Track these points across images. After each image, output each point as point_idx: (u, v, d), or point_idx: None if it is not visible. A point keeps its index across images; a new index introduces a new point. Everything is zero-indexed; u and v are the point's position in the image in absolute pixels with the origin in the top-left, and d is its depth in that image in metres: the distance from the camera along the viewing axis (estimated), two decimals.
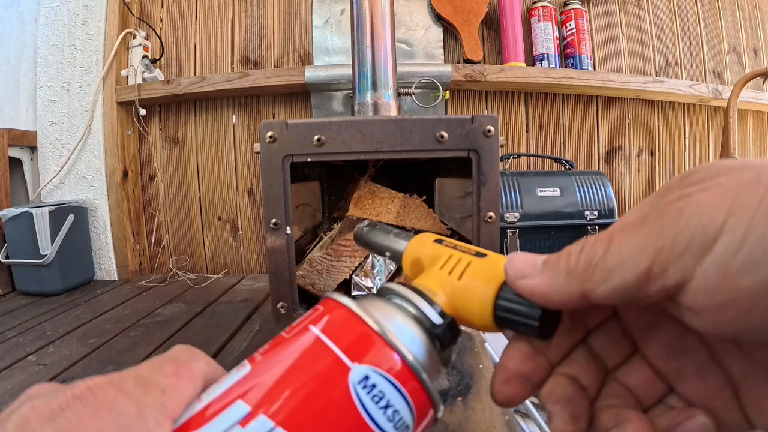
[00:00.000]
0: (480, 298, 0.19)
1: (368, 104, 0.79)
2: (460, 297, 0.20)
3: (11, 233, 1.20)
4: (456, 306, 0.20)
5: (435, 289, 0.21)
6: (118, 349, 0.82)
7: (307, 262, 0.77)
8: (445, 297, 0.20)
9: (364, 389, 0.16)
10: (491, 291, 0.19)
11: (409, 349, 0.17)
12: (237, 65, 1.41)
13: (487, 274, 0.20)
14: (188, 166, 1.42)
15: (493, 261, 0.21)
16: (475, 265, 0.21)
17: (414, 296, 0.20)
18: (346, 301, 0.18)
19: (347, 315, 0.18)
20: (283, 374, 0.16)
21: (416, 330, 0.19)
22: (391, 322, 0.18)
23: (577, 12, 1.39)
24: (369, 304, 0.19)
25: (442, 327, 0.19)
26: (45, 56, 1.36)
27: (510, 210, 1.17)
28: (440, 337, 0.19)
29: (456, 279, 0.21)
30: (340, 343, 0.17)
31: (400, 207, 0.81)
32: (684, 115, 1.54)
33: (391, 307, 0.19)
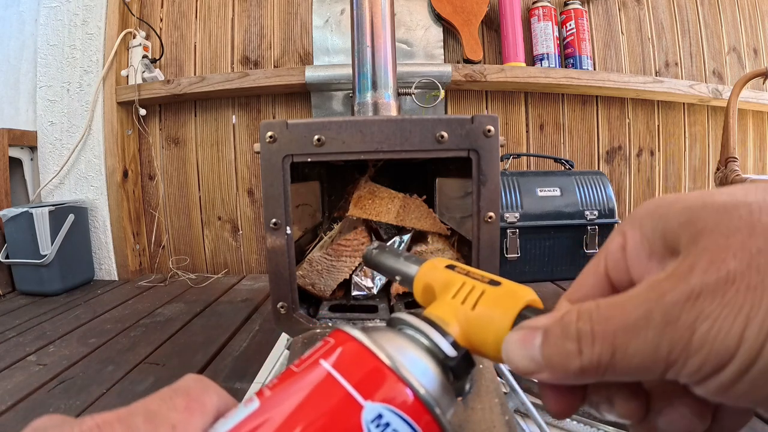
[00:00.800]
0: (496, 329, 0.19)
1: (368, 104, 0.79)
2: (475, 328, 0.20)
3: (11, 233, 1.20)
4: (470, 337, 0.20)
5: (448, 320, 0.20)
6: (118, 349, 0.82)
7: (307, 262, 0.77)
8: (458, 327, 0.20)
9: (377, 428, 0.16)
10: (507, 322, 0.19)
11: (422, 383, 0.17)
12: (237, 65, 1.41)
13: (503, 304, 0.19)
14: (188, 166, 1.42)
15: (508, 290, 0.20)
16: (490, 294, 0.20)
17: (426, 327, 0.20)
18: (357, 334, 0.18)
19: (358, 349, 0.17)
20: (293, 411, 0.16)
21: (429, 363, 0.18)
22: (403, 354, 0.18)
23: (577, 12, 1.39)
24: (380, 336, 0.19)
25: (456, 359, 0.19)
26: (45, 56, 1.36)
27: (510, 210, 1.17)
28: (454, 370, 0.19)
29: (470, 309, 0.20)
30: (351, 378, 0.16)
31: (400, 207, 0.81)
32: (684, 115, 1.54)
33: (402, 339, 0.19)
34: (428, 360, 0.19)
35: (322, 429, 0.15)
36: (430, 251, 0.76)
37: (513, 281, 0.21)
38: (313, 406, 0.16)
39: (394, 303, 0.79)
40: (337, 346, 0.18)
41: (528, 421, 0.52)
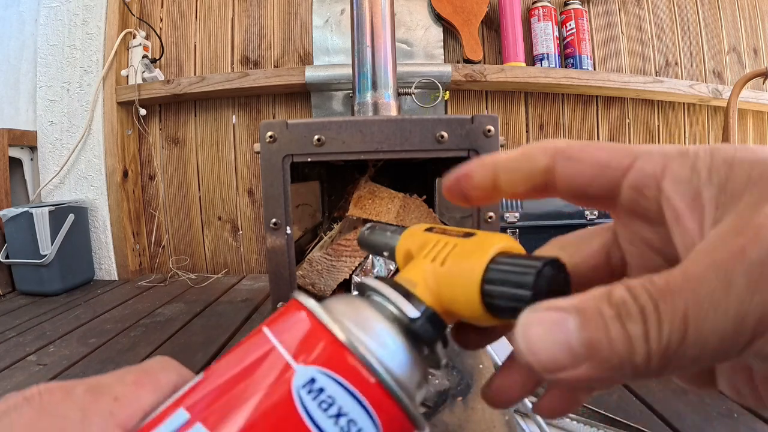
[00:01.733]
0: (464, 281, 0.16)
1: (368, 104, 0.79)
2: (444, 285, 0.17)
3: (11, 233, 1.20)
4: (442, 297, 0.17)
5: (417, 280, 0.18)
6: (118, 349, 0.82)
7: (307, 262, 0.77)
8: (427, 288, 0.18)
9: (309, 394, 0.14)
10: (477, 270, 0.16)
11: (366, 345, 0.15)
12: (237, 65, 1.41)
13: (473, 254, 0.17)
14: (188, 166, 1.42)
15: (480, 239, 0.18)
16: (461, 247, 0.18)
17: (386, 289, 0.17)
18: (302, 297, 0.16)
19: (298, 312, 0.16)
20: (226, 379, 0.15)
21: (388, 327, 0.16)
22: (351, 317, 0.16)
23: (577, 12, 1.39)
24: (335, 301, 0.17)
25: (419, 320, 0.17)
26: (45, 56, 1.36)
27: (510, 210, 1.17)
28: (418, 333, 0.16)
29: (439, 266, 0.18)
30: (286, 342, 0.15)
31: (400, 207, 0.81)
32: (684, 115, 1.54)
33: (362, 304, 0.17)
34: (387, 324, 0.16)
35: (250, 396, 0.14)
36: None
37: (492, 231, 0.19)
38: (244, 372, 0.15)
39: None
40: (283, 312, 0.16)
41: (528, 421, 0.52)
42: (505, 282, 0.16)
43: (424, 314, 0.17)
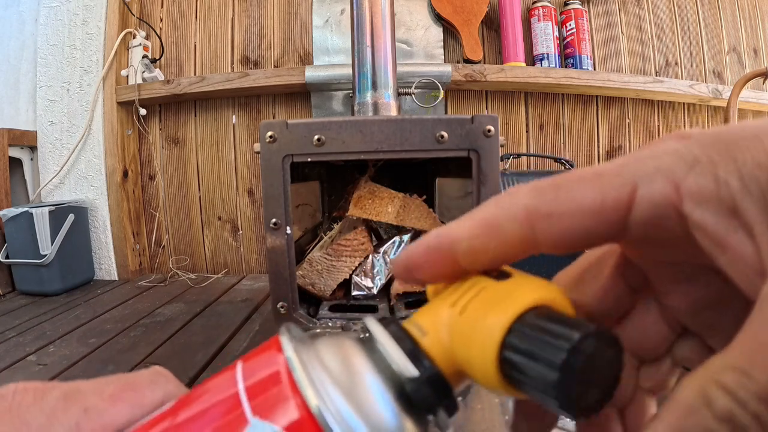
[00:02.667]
0: (481, 341, 0.13)
1: (368, 104, 0.79)
2: (459, 340, 0.14)
3: (11, 233, 1.20)
4: (455, 354, 0.14)
5: (427, 328, 0.15)
6: (118, 349, 0.82)
7: (307, 262, 0.77)
8: (438, 340, 0.14)
9: None
10: (497, 330, 0.13)
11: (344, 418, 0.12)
12: (237, 65, 1.41)
13: (498, 306, 0.13)
14: (188, 166, 1.42)
15: (513, 284, 0.14)
16: (488, 292, 0.14)
17: (385, 337, 0.14)
18: (285, 340, 0.14)
19: (275, 356, 0.14)
20: (186, 417, 0.14)
21: (378, 386, 0.13)
22: (335, 371, 0.13)
23: (577, 12, 1.39)
24: (324, 344, 0.15)
25: (416, 382, 0.13)
26: (45, 56, 1.36)
27: None
28: (414, 397, 0.13)
29: (458, 314, 0.14)
30: (252, 389, 0.13)
31: (401, 207, 0.81)
32: (684, 115, 1.54)
33: (354, 352, 0.14)
34: (378, 382, 0.14)
35: None
36: None
37: (532, 274, 0.15)
38: (204, 412, 0.14)
39: (394, 303, 0.79)
40: (260, 351, 0.15)
41: None
42: (530, 353, 0.12)
43: (425, 375, 0.14)
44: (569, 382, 0.11)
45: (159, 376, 0.17)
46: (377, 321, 0.15)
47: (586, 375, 0.12)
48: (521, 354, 0.12)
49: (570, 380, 0.12)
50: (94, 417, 0.15)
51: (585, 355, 0.12)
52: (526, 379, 0.12)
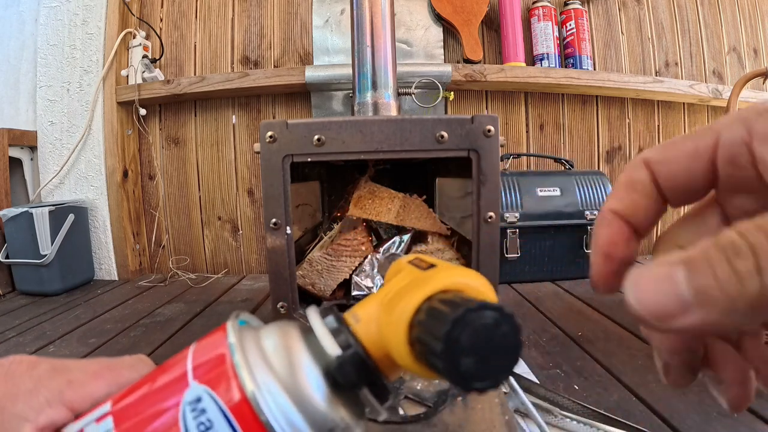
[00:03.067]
0: (395, 321, 0.14)
1: (368, 104, 0.79)
2: (384, 325, 0.15)
3: (11, 233, 1.20)
4: (383, 338, 0.15)
5: (362, 315, 0.16)
6: (118, 349, 0.82)
7: (307, 262, 0.77)
8: (368, 327, 0.15)
9: (192, 412, 0.14)
10: (408, 310, 0.14)
11: (259, 380, 0.14)
12: (237, 65, 1.41)
13: (412, 291, 0.14)
14: (188, 166, 1.42)
15: (432, 273, 0.15)
16: (412, 281, 0.15)
17: (317, 321, 0.16)
18: (230, 319, 0.16)
19: (219, 334, 0.16)
20: (145, 381, 0.16)
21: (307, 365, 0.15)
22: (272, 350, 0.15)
23: (577, 12, 1.39)
24: (269, 329, 0.16)
25: (339, 360, 0.14)
26: (45, 56, 1.36)
27: (510, 210, 1.17)
28: (335, 374, 0.14)
29: (385, 302, 0.15)
30: (196, 359, 0.15)
31: (400, 207, 0.81)
32: (684, 115, 1.54)
33: (294, 335, 0.16)
34: (308, 361, 0.15)
35: (151, 402, 0.15)
36: (430, 251, 0.76)
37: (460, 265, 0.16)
38: (158, 378, 0.16)
39: None
40: (213, 332, 0.16)
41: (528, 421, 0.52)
42: (427, 329, 0.13)
43: (347, 354, 0.15)
44: (454, 353, 0.12)
45: (139, 362, 0.19)
46: (317, 310, 0.17)
47: (475, 348, 0.12)
48: (422, 331, 0.13)
49: (454, 351, 0.12)
50: (76, 388, 0.17)
51: (470, 327, 0.12)
52: (426, 355, 0.13)
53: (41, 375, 0.17)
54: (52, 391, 0.17)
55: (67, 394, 0.17)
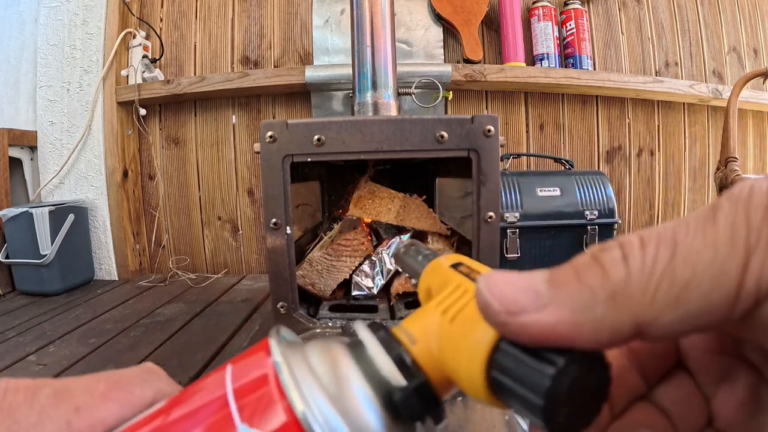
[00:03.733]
0: (470, 350, 0.13)
1: (368, 104, 0.79)
2: (449, 350, 0.14)
3: (11, 233, 1.20)
4: (444, 363, 0.14)
5: (418, 335, 0.15)
6: (118, 349, 0.82)
7: (307, 262, 0.77)
8: (427, 348, 0.14)
9: None
10: (486, 344, 0.13)
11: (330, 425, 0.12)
12: (237, 65, 1.41)
13: None
14: (188, 166, 1.42)
15: None
16: None
17: (374, 345, 0.14)
18: (274, 344, 0.14)
19: (264, 360, 0.14)
20: (176, 417, 0.14)
21: (365, 394, 0.13)
22: (323, 377, 0.13)
23: (577, 12, 1.39)
24: (313, 349, 0.14)
25: (403, 392, 0.13)
26: (45, 56, 1.36)
27: (510, 210, 1.17)
28: (401, 407, 0.13)
29: (448, 322, 0.14)
30: (240, 394, 0.13)
31: (400, 207, 0.81)
32: (684, 115, 1.54)
33: (343, 358, 0.14)
34: (366, 390, 0.13)
35: None
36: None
37: None
38: (194, 413, 0.14)
39: (394, 303, 0.79)
40: (250, 354, 0.15)
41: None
42: (516, 376, 0.12)
43: (413, 385, 0.14)
44: (553, 406, 0.11)
45: (150, 374, 0.17)
46: (367, 326, 0.15)
47: (572, 398, 0.12)
48: (507, 375, 0.12)
49: (554, 405, 0.11)
50: (84, 416, 0.15)
51: (569, 380, 0.11)
52: (513, 400, 0.12)
53: (44, 405, 0.15)
54: (58, 424, 0.14)
55: (75, 424, 0.14)
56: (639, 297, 0.10)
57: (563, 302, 0.11)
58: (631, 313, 0.10)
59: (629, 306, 0.10)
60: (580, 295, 0.11)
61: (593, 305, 0.10)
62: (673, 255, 0.10)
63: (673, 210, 1.56)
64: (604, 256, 0.11)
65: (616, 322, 0.10)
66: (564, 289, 0.11)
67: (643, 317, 0.10)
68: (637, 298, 0.10)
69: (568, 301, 0.11)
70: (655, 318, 0.10)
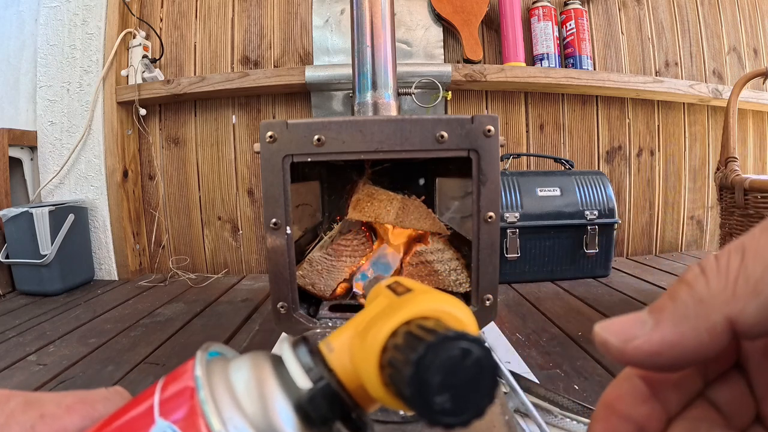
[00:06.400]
0: (366, 351, 0.14)
1: (368, 104, 0.79)
2: (357, 354, 0.14)
3: (11, 233, 1.20)
4: (357, 368, 0.14)
5: (335, 345, 0.15)
6: (118, 349, 0.82)
7: (307, 262, 0.77)
8: (342, 356, 0.15)
9: None
10: (378, 340, 0.13)
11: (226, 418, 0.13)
12: (237, 65, 1.41)
13: (386, 317, 0.14)
14: (188, 166, 1.42)
15: (409, 298, 0.15)
16: (389, 305, 0.15)
17: (287, 352, 0.15)
18: (199, 354, 0.15)
19: (188, 366, 0.15)
20: (115, 414, 0.15)
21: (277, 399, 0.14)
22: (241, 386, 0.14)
23: (577, 12, 1.39)
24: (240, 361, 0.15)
25: (309, 394, 0.14)
26: (45, 56, 1.36)
27: (510, 210, 1.17)
28: (306, 408, 0.14)
29: (359, 330, 0.15)
30: (164, 393, 0.15)
31: (399, 208, 0.81)
32: (684, 115, 1.54)
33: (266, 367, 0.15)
34: (278, 395, 0.14)
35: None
36: (430, 251, 0.76)
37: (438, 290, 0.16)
38: (128, 413, 0.15)
39: None
40: (181, 367, 0.16)
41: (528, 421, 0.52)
42: (394, 359, 0.13)
43: (318, 387, 0.14)
44: (423, 381, 0.12)
45: (115, 395, 0.18)
46: (291, 340, 0.16)
47: (447, 379, 0.12)
48: (392, 358, 0.13)
49: (424, 379, 0.12)
50: (48, 422, 0.16)
51: (444, 355, 0.12)
52: (395, 383, 0.12)
53: (14, 409, 0.16)
54: (23, 426, 0.16)
55: (38, 428, 0.16)
56: (722, 295, 0.12)
57: (665, 320, 0.13)
58: (720, 311, 0.12)
59: (716, 305, 0.12)
60: (676, 311, 0.13)
61: (687, 314, 0.12)
62: (743, 256, 0.12)
63: (673, 210, 1.56)
64: (687, 275, 0.13)
65: (710, 321, 0.12)
66: (662, 311, 0.13)
67: (731, 311, 0.12)
68: (721, 297, 0.12)
69: (667, 318, 0.13)
70: (742, 310, 0.12)
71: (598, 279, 1.23)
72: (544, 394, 0.55)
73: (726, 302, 0.12)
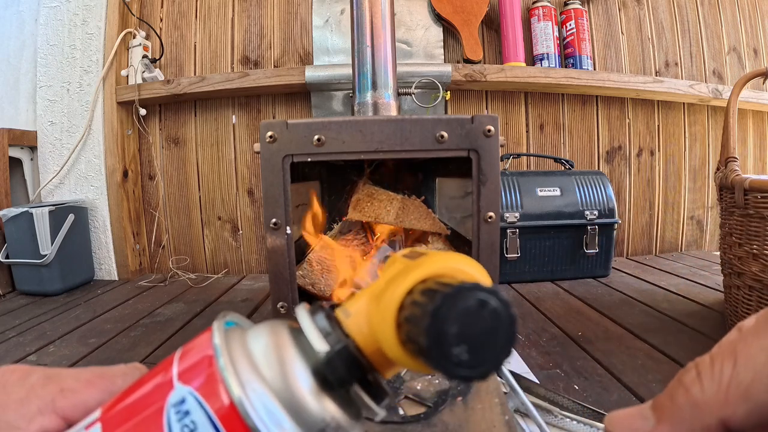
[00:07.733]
0: (383, 309, 0.14)
1: (368, 104, 0.79)
2: (374, 318, 0.14)
3: (11, 233, 1.20)
4: (375, 332, 0.14)
5: (352, 310, 0.15)
6: (118, 349, 0.82)
7: (307, 262, 0.77)
8: (359, 321, 0.15)
9: (176, 414, 0.14)
10: (394, 300, 0.13)
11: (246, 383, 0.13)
12: (237, 65, 1.41)
13: (399, 279, 0.14)
14: (188, 166, 1.42)
15: (422, 260, 0.15)
16: (404, 268, 0.15)
17: (304, 317, 0.15)
18: (217, 321, 0.15)
19: (206, 335, 0.15)
20: (134, 387, 0.16)
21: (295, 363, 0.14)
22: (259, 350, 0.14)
23: (577, 12, 1.39)
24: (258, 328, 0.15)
25: (326, 357, 0.14)
26: (45, 56, 1.36)
27: (510, 210, 1.17)
28: (324, 371, 0.14)
29: (374, 294, 0.15)
30: (182, 362, 0.15)
31: (399, 208, 0.81)
32: (684, 115, 1.54)
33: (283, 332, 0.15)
34: (296, 359, 0.14)
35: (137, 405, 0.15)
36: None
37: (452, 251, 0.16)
38: (147, 381, 0.15)
39: None
40: (198, 336, 0.16)
41: (528, 421, 0.52)
42: (412, 316, 0.13)
43: (335, 349, 0.14)
44: (440, 333, 0.11)
45: (134, 370, 0.19)
46: (306, 307, 0.16)
47: (463, 330, 0.12)
48: (409, 315, 0.13)
49: (441, 331, 0.11)
50: (68, 396, 0.17)
51: (461, 305, 0.12)
52: (412, 339, 0.12)
53: (33, 384, 0.17)
54: (43, 400, 0.16)
55: (59, 402, 0.17)
56: (715, 400, 0.13)
57: (665, 421, 0.14)
58: (714, 415, 0.13)
59: (710, 409, 0.13)
60: (673, 412, 0.14)
61: (684, 417, 0.14)
62: (735, 363, 0.13)
63: (673, 210, 1.56)
64: (685, 378, 0.14)
65: (704, 423, 0.14)
66: (663, 410, 0.15)
67: (723, 414, 0.13)
68: (715, 401, 0.13)
69: (667, 418, 0.14)
70: (733, 413, 0.13)
71: (598, 279, 1.23)
72: (544, 394, 0.55)
73: (719, 407, 0.13)
